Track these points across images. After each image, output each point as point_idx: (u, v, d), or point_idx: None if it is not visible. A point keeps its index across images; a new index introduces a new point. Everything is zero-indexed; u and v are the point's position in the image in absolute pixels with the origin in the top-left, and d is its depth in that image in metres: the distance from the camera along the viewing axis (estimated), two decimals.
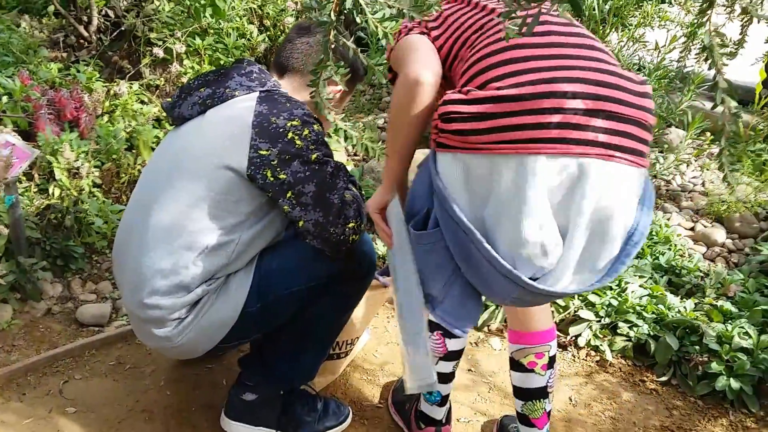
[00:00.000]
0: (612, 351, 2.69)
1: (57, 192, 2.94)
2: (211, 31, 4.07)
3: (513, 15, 0.95)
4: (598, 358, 2.69)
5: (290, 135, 1.81)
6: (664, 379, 2.59)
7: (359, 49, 1.25)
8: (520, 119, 1.45)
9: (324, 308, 2.03)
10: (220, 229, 1.83)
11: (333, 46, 1.19)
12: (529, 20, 0.94)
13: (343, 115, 1.69)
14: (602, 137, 1.45)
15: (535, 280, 1.54)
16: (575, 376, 2.59)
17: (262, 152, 1.80)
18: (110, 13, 4.23)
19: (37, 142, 2.98)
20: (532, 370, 1.97)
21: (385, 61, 1.30)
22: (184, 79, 3.87)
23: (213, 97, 1.91)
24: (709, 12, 0.88)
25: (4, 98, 3.20)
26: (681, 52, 3.34)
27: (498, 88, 1.50)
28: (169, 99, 2.05)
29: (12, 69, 3.50)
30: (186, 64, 3.90)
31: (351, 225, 1.90)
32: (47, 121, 3.06)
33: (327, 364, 2.34)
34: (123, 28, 4.10)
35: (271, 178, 1.81)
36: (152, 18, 4.05)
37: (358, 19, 1.14)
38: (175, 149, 1.93)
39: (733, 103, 1.10)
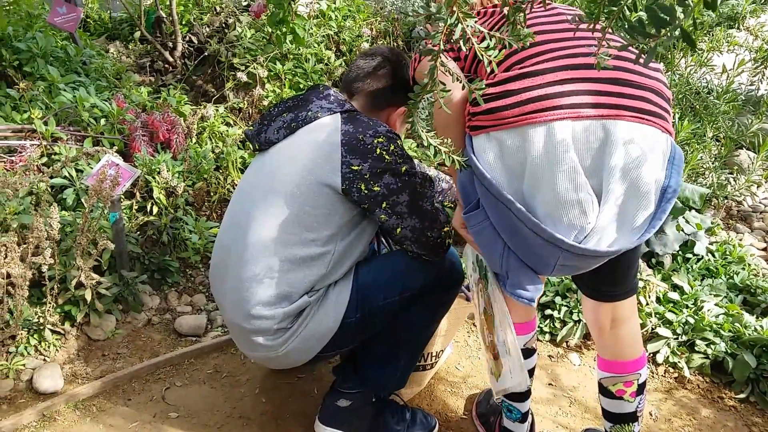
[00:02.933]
0: (690, 368, 2.71)
1: (155, 209, 3.11)
2: (291, 56, 4.23)
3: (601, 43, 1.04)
4: (676, 374, 2.72)
5: (378, 150, 1.94)
6: (742, 396, 2.60)
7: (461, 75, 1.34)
8: (542, 91, 1.56)
9: (415, 317, 2.13)
10: (317, 241, 1.95)
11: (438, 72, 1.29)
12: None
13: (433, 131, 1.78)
14: (620, 101, 1.54)
15: (579, 243, 1.58)
16: (654, 391, 2.63)
17: (354, 167, 1.92)
18: (194, 39, 4.43)
19: (134, 162, 3.15)
20: (621, 398, 1.99)
21: (484, 86, 1.39)
22: (266, 102, 4.03)
23: (297, 120, 2.04)
24: None
25: (102, 120, 3.38)
26: (752, 76, 3.37)
27: (520, 68, 1.61)
28: (251, 127, 2.18)
29: (107, 93, 3.69)
30: (267, 87, 4.06)
31: (446, 229, 2.04)
32: (142, 142, 3.25)
33: (414, 376, 2.42)
34: (206, 54, 4.29)
35: (366, 191, 1.93)
36: (234, 44, 4.23)
37: (464, 48, 1.23)
38: (267, 171, 2.04)
39: None
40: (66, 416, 2.30)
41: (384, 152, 1.94)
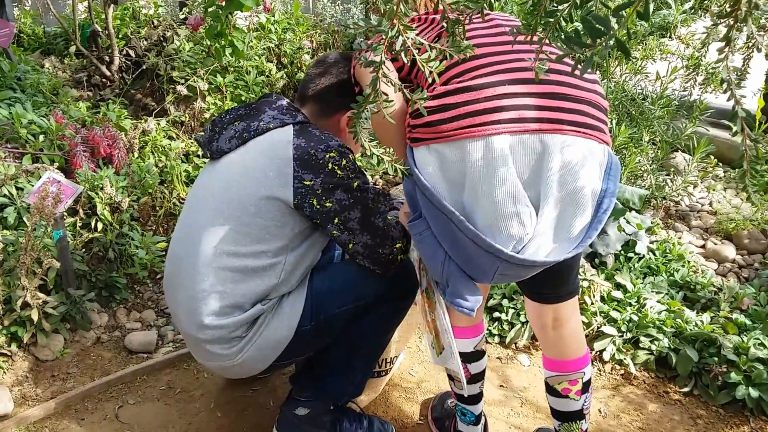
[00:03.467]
0: (635, 364, 2.78)
1: (100, 226, 3.05)
2: (232, 69, 4.22)
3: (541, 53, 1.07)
4: (622, 371, 2.79)
5: (330, 165, 1.94)
6: (686, 389, 2.68)
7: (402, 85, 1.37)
8: (480, 105, 1.58)
9: (370, 326, 2.15)
10: (268, 252, 1.96)
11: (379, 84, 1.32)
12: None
13: (374, 140, 1.81)
14: (558, 115, 1.57)
15: (517, 252, 1.61)
16: (602, 389, 2.69)
17: (306, 182, 1.93)
18: (131, 52, 4.37)
19: (75, 178, 3.09)
20: (567, 396, 2.03)
21: (426, 96, 1.43)
22: (207, 115, 4.00)
23: (249, 131, 2.03)
24: (726, 49, 0.98)
25: (41, 137, 3.31)
26: (685, 82, 3.50)
27: (459, 82, 1.63)
28: (202, 133, 2.16)
29: (44, 109, 3.62)
30: (209, 100, 4.04)
31: (398, 245, 2.06)
32: (83, 158, 3.19)
33: (369, 382, 2.43)
34: (144, 67, 4.24)
35: (317, 206, 1.94)
36: (173, 57, 4.20)
37: (405, 59, 1.26)
38: (219, 181, 2.03)
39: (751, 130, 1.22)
40: None
41: (336, 167, 1.95)
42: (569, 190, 1.59)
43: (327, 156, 1.95)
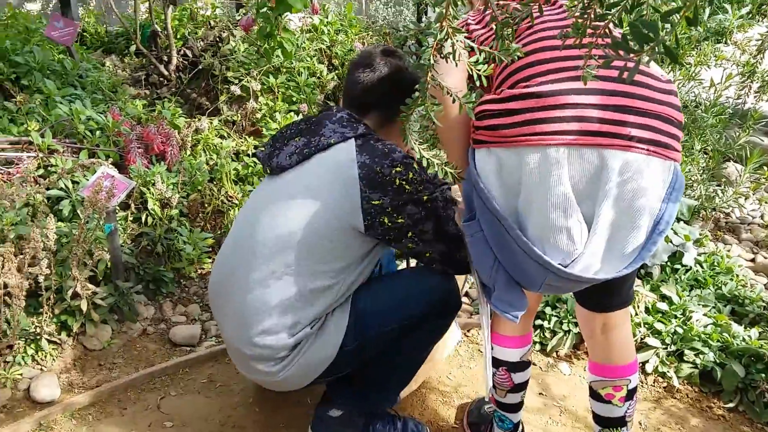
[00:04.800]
0: (678, 377, 2.74)
1: (150, 221, 3.13)
2: (284, 70, 4.28)
3: (591, 57, 1.06)
4: (665, 384, 2.75)
5: (398, 181, 1.91)
6: (731, 405, 2.62)
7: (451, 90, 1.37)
8: (543, 113, 1.54)
9: (411, 344, 2.13)
10: (329, 273, 1.95)
11: (429, 86, 1.33)
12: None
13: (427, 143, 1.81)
14: (622, 130, 1.52)
15: (565, 266, 1.59)
16: (644, 401, 2.65)
17: (374, 202, 1.90)
18: (188, 53, 4.47)
19: (129, 174, 3.18)
20: (610, 402, 2.00)
21: (473, 101, 1.42)
22: (259, 115, 4.06)
23: (309, 146, 1.99)
24: None
25: (97, 133, 3.41)
26: (740, 90, 3.42)
27: (526, 87, 1.60)
28: (263, 148, 2.15)
29: (102, 106, 3.73)
30: (261, 100, 4.10)
31: None
32: (137, 154, 3.28)
33: None
34: (200, 67, 4.34)
35: (389, 224, 1.92)
36: (228, 58, 4.28)
37: (454, 63, 1.27)
38: (280, 198, 2.00)
39: None
40: (63, 425, 2.32)
41: (404, 182, 1.92)
42: (625, 209, 1.56)
43: (393, 171, 1.92)
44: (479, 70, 1.34)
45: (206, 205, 3.45)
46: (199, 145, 3.66)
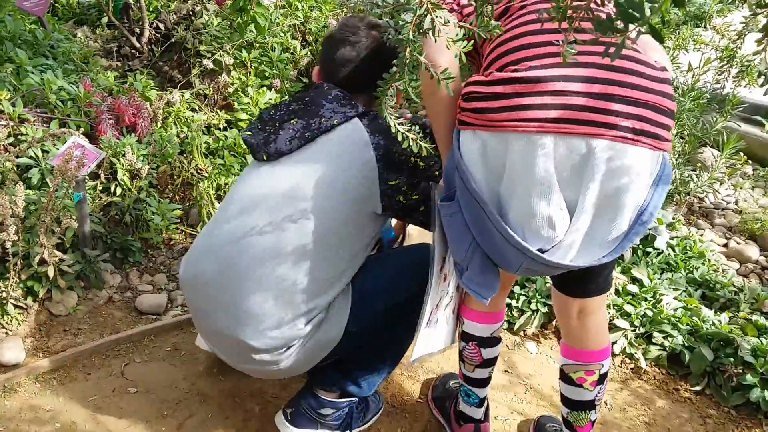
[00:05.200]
0: (646, 359, 2.75)
1: (119, 191, 3.10)
2: (257, 45, 4.24)
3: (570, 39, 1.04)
4: (632, 365, 2.76)
5: (413, 160, 1.88)
6: (698, 388, 2.64)
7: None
8: (529, 99, 1.51)
9: (404, 324, 2.07)
10: (345, 257, 1.91)
11: (407, 60, 1.30)
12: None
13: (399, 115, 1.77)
14: (610, 119, 1.48)
15: (545, 252, 1.59)
16: (611, 381, 2.66)
17: (392, 183, 1.87)
18: (161, 25, 4.41)
19: (99, 144, 3.13)
20: (581, 386, 2.00)
21: (452, 76, 1.38)
22: (231, 90, 4.02)
23: (310, 129, 1.89)
24: (764, 41, 0.94)
25: (69, 103, 3.37)
26: (718, 75, 3.43)
27: (514, 71, 1.56)
28: (249, 133, 1.99)
29: (74, 76, 3.67)
30: (233, 75, 4.06)
31: None
32: (108, 125, 3.23)
33: None
34: (173, 40, 4.28)
35: (404, 201, 1.90)
36: (201, 31, 4.23)
37: (433, 39, 1.24)
38: (283, 185, 1.90)
39: None
40: (27, 388, 2.31)
41: (418, 159, 1.89)
42: (609, 198, 1.54)
43: (408, 150, 1.87)
44: (460, 47, 1.32)
45: (176, 177, 3.41)
46: (170, 118, 3.62)
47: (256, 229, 1.88)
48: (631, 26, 0.88)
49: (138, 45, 4.35)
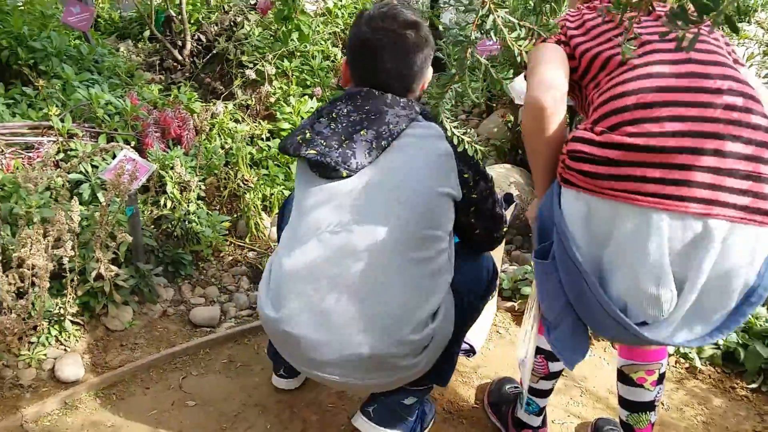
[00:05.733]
0: (701, 358, 2.73)
1: (168, 204, 3.15)
2: (298, 53, 4.28)
3: (633, 36, 1.02)
4: (687, 365, 2.73)
5: (475, 157, 1.84)
6: (754, 386, 2.61)
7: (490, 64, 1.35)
8: (649, 172, 1.44)
9: (462, 324, 2.08)
10: (445, 250, 1.91)
11: (468, 62, 1.31)
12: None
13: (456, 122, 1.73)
14: (729, 198, 1.42)
15: (645, 326, 1.55)
16: (666, 381, 2.64)
17: (465, 176, 1.89)
18: (202, 37, 4.48)
19: (147, 158, 3.18)
20: (641, 386, 1.97)
21: (510, 76, 1.36)
22: (273, 99, 4.05)
23: (382, 137, 1.83)
24: None
25: (116, 117, 3.42)
26: (761, 69, 3.37)
27: (630, 134, 1.48)
28: (312, 152, 1.85)
29: (119, 90, 3.74)
30: (275, 84, 4.10)
31: (505, 229, 2.12)
32: (155, 138, 3.29)
33: None
34: (215, 52, 4.34)
35: (467, 197, 1.91)
36: (242, 42, 4.28)
37: (494, 38, 1.24)
38: (374, 196, 1.84)
39: None
40: (87, 404, 2.34)
41: (478, 158, 1.86)
42: (720, 278, 1.48)
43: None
44: (520, 46, 1.31)
45: (222, 189, 3.46)
46: (214, 129, 3.67)
47: (371, 241, 1.81)
48: (705, 17, 0.87)
49: (180, 57, 4.41)
